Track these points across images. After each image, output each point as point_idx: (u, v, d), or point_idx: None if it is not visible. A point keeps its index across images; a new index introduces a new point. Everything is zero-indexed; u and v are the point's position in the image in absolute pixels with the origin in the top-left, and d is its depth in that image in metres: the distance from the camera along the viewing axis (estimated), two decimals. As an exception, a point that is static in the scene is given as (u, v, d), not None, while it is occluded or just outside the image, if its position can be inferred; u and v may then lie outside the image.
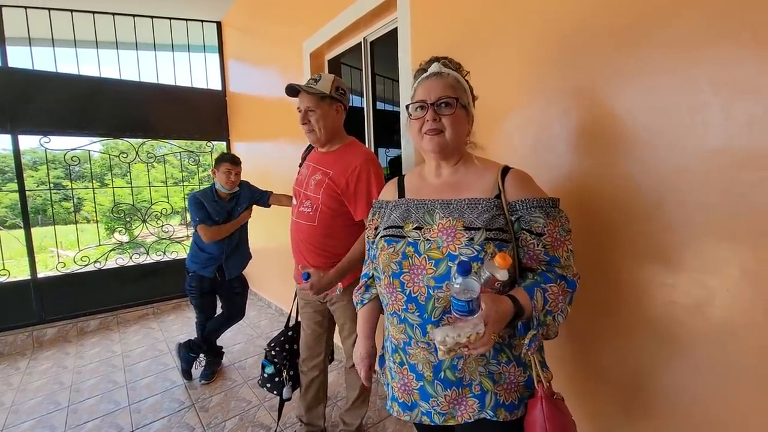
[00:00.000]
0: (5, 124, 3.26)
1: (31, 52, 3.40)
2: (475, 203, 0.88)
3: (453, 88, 0.91)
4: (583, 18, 1.17)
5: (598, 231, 1.19)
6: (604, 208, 1.17)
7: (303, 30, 2.74)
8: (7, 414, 2.32)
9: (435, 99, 0.89)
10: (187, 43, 4.15)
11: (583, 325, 1.27)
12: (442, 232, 0.86)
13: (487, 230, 0.83)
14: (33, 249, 3.45)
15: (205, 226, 2.35)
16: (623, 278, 1.15)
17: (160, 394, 2.44)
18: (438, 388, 0.88)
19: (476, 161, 0.97)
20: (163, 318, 3.86)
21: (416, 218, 0.93)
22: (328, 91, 1.50)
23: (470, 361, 0.86)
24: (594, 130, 1.18)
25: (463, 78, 0.95)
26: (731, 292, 0.94)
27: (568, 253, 0.87)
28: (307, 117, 1.52)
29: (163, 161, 4.33)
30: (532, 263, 0.87)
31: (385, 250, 0.93)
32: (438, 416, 0.89)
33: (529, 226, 0.85)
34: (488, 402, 0.85)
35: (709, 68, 0.93)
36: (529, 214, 0.85)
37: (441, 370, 0.87)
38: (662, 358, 1.09)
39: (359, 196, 1.49)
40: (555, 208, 0.87)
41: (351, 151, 1.56)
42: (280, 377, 1.81)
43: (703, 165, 0.96)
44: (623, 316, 1.17)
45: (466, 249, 0.82)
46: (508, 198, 0.88)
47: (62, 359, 3.07)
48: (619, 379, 1.20)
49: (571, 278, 0.85)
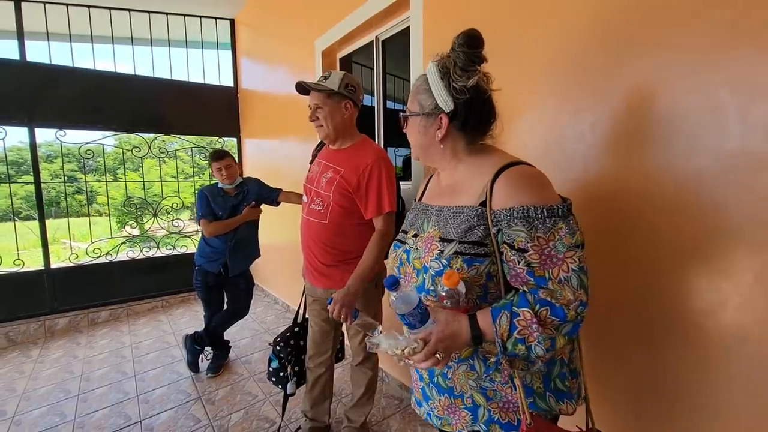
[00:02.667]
0: (23, 117, 3.33)
1: (49, 46, 3.46)
2: (459, 212, 0.81)
3: (411, 97, 0.91)
4: (598, 18, 1.16)
5: (611, 233, 1.18)
6: (617, 209, 1.16)
7: (315, 28, 2.75)
8: (18, 400, 2.37)
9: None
10: (201, 40, 4.19)
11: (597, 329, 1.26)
12: (425, 242, 0.84)
13: (459, 243, 0.77)
14: (47, 240, 3.52)
15: (206, 221, 2.41)
16: (637, 281, 1.14)
17: (167, 385, 2.47)
18: (433, 392, 0.90)
19: (482, 158, 0.85)
20: (172, 311, 3.91)
21: (417, 224, 0.93)
22: (337, 87, 1.50)
23: (459, 373, 0.84)
24: (608, 130, 1.17)
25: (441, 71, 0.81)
26: (744, 297, 0.93)
27: (568, 274, 0.70)
28: (315, 114, 1.53)
29: (175, 156, 4.38)
30: (516, 283, 0.75)
31: (392, 253, 0.96)
32: (436, 419, 0.91)
33: (510, 239, 0.73)
34: (481, 416, 0.82)
35: (726, 70, 0.92)
36: (509, 227, 0.72)
37: (434, 375, 0.88)
38: (674, 362, 1.08)
39: (370, 195, 1.49)
40: (550, 218, 0.71)
41: (363, 149, 1.56)
42: (284, 372, 1.82)
43: (720, 167, 0.95)
44: (637, 321, 1.15)
45: (434, 263, 0.79)
46: (493, 205, 0.75)
47: (73, 349, 3.13)
48: (630, 383, 1.19)
49: (558, 305, 0.69)
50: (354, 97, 1.56)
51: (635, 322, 1.15)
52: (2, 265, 3.33)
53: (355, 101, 1.57)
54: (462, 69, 0.79)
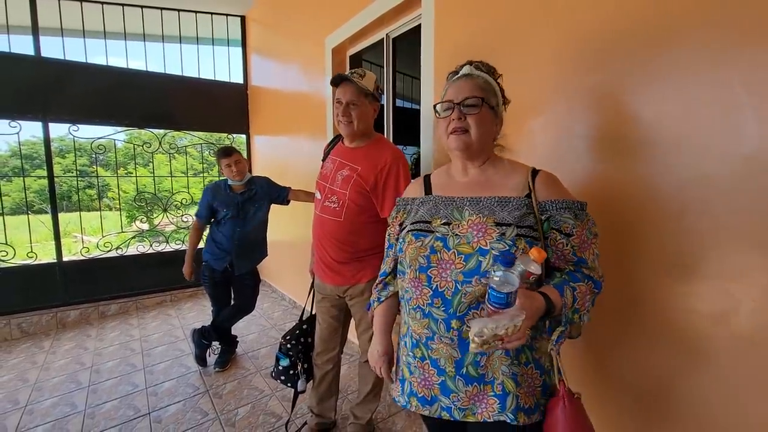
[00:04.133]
0: (37, 112, 3.38)
1: (63, 42, 3.51)
2: (506, 201, 0.90)
3: (481, 88, 0.92)
4: (611, 17, 1.15)
5: (620, 234, 1.17)
6: (627, 211, 1.15)
7: (325, 25, 2.75)
8: (31, 390, 2.41)
9: (461, 99, 0.91)
10: (212, 37, 4.22)
11: (603, 331, 1.25)
12: (473, 228, 0.87)
13: (518, 227, 0.84)
14: (59, 234, 3.58)
15: (196, 222, 2.55)
16: (645, 284, 1.13)
17: (175, 379, 2.50)
18: (459, 384, 0.88)
19: (507, 161, 0.99)
20: (180, 305, 3.96)
21: (444, 214, 0.93)
22: (372, 89, 1.53)
23: (494, 358, 0.86)
24: (618, 131, 1.15)
25: (495, 81, 0.97)
26: (757, 302, 0.92)
27: (594, 256, 0.89)
28: (348, 109, 1.52)
29: (185, 152, 4.41)
30: (560, 263, 0.89)
31: (412, 243, 0.93)
32: (458, 411, 0.89)
33: (558, 226, 0.87)
34: (509, 404, 0.84)
35: (742, 69, 0.90)
36: (559, 215, 0.87)
37: (463, 365, 0.87)
38: (682, 366, 1.06)
39: (387, 194, 1.50)
40: (583, 211, 0.89)
41: (380, 148, 1.57)
42: (295, 370, 1.83)
43: (733, 170, 0.93)
44: (644, 323, 1.14)
45: (497, 244, 0.83)
46: (538, 198, 0.89)
47: (84, 341, 3.18)
48: (638, 386, 1.18)
49: (597, 279, 0.88)
50: (379, 99, 1.61)
51: (645, 324, 1.14)
52: (16, 257, 3.40)
53: (379, 105, 1.62)
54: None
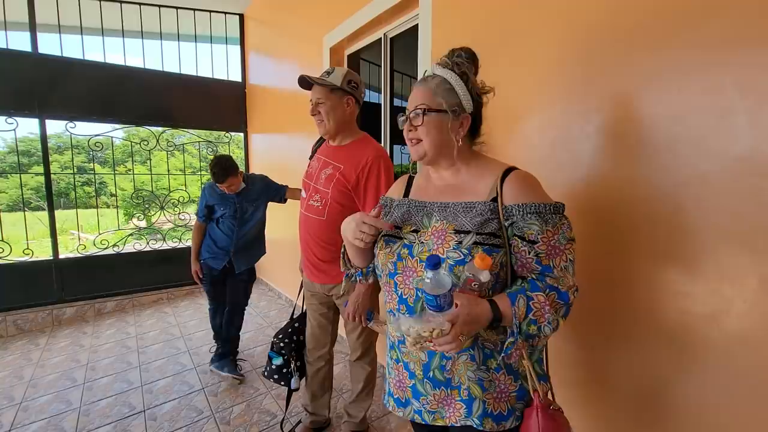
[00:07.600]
0: (33, 108, 3.37)
1: (60, 39, 3.50)
2: (471, 206, 0.86)
3: (428, 94, 0.88)
4: (608, 16, 1.15)
5: (614, 235, 1.18)
6: (621, 211, 1.16)
7: (323, 24, 2.75)
8: (26, 387, 2.41)
9: (412, 109, 0.91)
10: (210, 35, 4.21)
11: (595, 331, 1.26)
12: (434, 235, 0.86)
13: (477, 234, 0.81)
14: (56, 231, 3.57)
15: (197, 223, 2.56)
16: (637, 284, 1.14)
17: (171, 376, 2.50)
18: (427, 387, 0.89)
19: (482, 162, 0.94)
20: (177, 303, 3.95)
21: (415, 221, 0.93)
22: (339, 83, 1.50)
23: (459, 364, 0.85)
24: (615, 131, 1.16)
25: (461, 75, 0.88)
26: (749, 302, 0.92)
27: (566, 263, 0.81)
28: (317, 108, 1.53)
29: (183, 150, 4.41)
30: (523, 271, 0.83)
31: (383, 249, 0.94)
32: (427, 414, 0.90)
33: (521, 232, 0.81)
34: (475, 409, 0.84)
35: (736, 71, 0.91)
36: (524, 220, 0.81)
37: (430, 369, 0.88)
38: (674, 366, 1.07)
39: (368, 192, 1.50)
40: (556, 214, 0.82)
41: (363, 147, 1.56)
42: (288, 368, 1.83)
43: (727, 171, 0.94)
44: (636, 323, 1.15)
45: (453, 252, 0.81)
46: (504, 201, 0.84)
47: (79, 338, 3.18)
48: (629, 386, 1.18)
49: (563, 290, 0.79)
50: (356, 93, 1.56)
51: (637, 324, 1.15)
52: (12, 254, 3.39)
53: (357, 98, 1.58)
54: (474, 76, 0.91)
